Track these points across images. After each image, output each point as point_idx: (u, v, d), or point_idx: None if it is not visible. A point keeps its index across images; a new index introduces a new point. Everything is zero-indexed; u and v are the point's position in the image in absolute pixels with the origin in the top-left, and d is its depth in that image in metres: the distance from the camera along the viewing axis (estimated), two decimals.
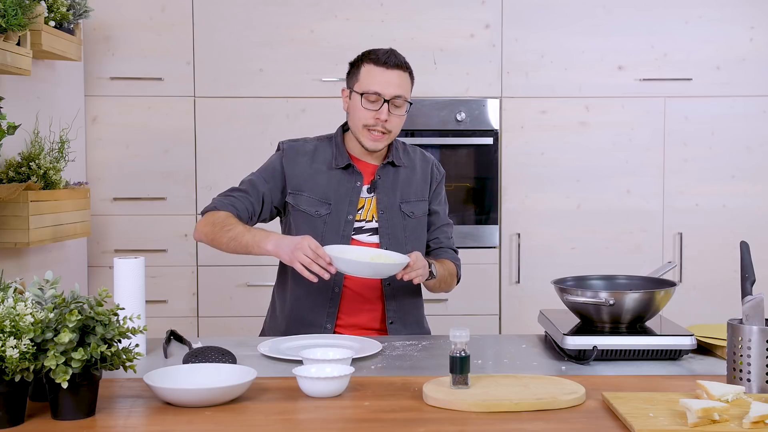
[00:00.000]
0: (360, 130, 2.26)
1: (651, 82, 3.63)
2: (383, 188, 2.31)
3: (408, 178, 2.36)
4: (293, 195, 2.30)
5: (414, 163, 2.39)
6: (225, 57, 3.58)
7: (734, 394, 1.51)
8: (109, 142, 3.58)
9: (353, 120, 2.28)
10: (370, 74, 2.23)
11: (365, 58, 2.27)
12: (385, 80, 2.22)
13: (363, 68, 2.26)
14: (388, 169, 2.34)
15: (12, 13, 2.45)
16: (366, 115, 2.23)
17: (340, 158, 2.31)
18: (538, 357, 1.99)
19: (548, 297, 2.28)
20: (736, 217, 3.66)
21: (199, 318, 3.61)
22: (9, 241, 2.66)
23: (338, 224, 2.27)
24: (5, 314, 1.42)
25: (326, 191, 2.29)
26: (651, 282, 2.08)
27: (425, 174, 2.39)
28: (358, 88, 2.25)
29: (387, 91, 2.22)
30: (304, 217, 2.29)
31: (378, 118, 2.22)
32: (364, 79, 2.24)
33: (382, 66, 2.23)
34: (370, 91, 2.22)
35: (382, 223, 2.29)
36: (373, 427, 1.45)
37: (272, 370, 1.84)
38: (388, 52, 2.26)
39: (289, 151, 2.33)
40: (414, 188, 2.36)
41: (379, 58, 2.24)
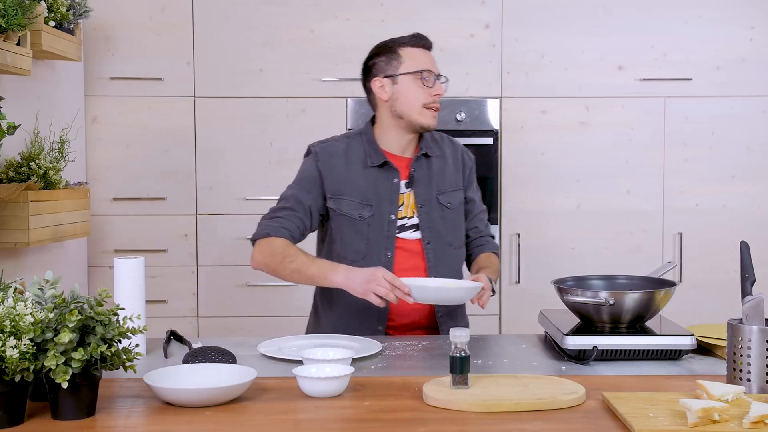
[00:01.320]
0: (419, 110, 2.23)
1: (651, 82, 3.63)
2: (420, 182, 2.29)
3: (441, 169, 2.33)
4: (334, 199, 2.26)
5: (444, 151, 2.36)
6: (225, 57, 3.58)
7: (734, 394, 1.51)
8: (109, 142, 3.58)
9: (407, 103, 2.24)
10: (414, 55, 2.24)
11: (397, 44, 2.26)
12: (429, 59, 2.26)
13: (402, 51, 2.25)
14: (421, 161, 2.31)
15: (12, 13, 2.45)
16: (423, 94, 2.23)
17: (375, 156, 2.27)
18: (538, 357, 1.99)
19: (548, 297, 2.28)
20: (736, 217, 3.66)
21: (199, 318, 3.61)
22: (9, 241, 2.66)
23: (381, 225, 2.25)
24: (5, 314, 1.42)
25: (366, 192, 2.26)
26: (651, 282, 2.08)
27: (456, 162, 2.38)
28: (406, 70, 2.23)
29: (434, 68, 2.26)
30: (347, 221, 2.25)
31: (437, 94, 2.23)
32: (411, 61, 2.24)
33: (421, 47, 2.26)
34: (423, 68, 2.23)
35: (422, 218, 2.27)
36: (373, 427, 1.45)
37: (272, 370, 1.84)
38: (418, 35, 2.28)
39: (323, 155, 2.28)
40: (448, 178, 2.34)
41: (417, 40, 2.26)
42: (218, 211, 3.60)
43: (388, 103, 2.26)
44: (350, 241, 2.25)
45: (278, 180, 3.59)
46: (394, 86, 2.24)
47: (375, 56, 2.29)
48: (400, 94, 2.24)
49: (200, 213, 3.60)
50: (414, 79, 2.22)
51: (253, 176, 3.60)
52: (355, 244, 2.25)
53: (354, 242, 2.25)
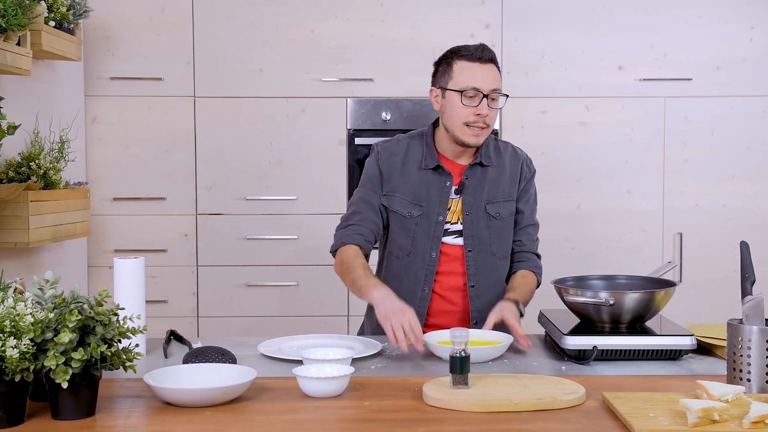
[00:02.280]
0: (460, 127, 2.23)
1: (651, 82, 3.63)
2: (469, 190, 2.30)
3: (496, 178, 2.33)
4: (387, 197, 2.31)
5: (504, 161, 2.36)
6: (225, 57, 3.58)
7: (734, 394, 1.51)
8: (109, 142, 3.58)
9: (451, 118, 2.24)
10: (466, 70, 2.21)
11: (456, 55, 2.24)
12: (481, 75, 2.20)
13: (456, 65, 2.23)
14: (476, 169, 2.31)
15: (12, 13, 2.45)
16: (466, 113, 2.20)
17: (430, 159, 2.30)
18: (538, 357, 1.99)
19: (548, 297, 2.28)
20: (736, 217, 3.65)
21: (199, 318, 3.61)
22: (9, 241, 2.66)
23: (429, 226, 2.28)
24: (5, 314, 1.42)
25: (418, 192, 2.29)
26: (651, 282, 2.08)
27: (515, 173, 2.36)
28: (453, 86, 2.22)
29: (485, 85, 2.19)
30: (396, 218, 2.30)
31: (479, 114, 2.19)
32: (460, 76, 2.21)
33: (477, 61, 2.21)
34: (469, 87, 2.19)
35: (466, 225, 2.29)
36: (373, 427, 1.45)
37: (272, 370, 1.84)
38: (480, 47, 2.23)
39: (384, 154, 2.34)
40: (502, 188, 2.33)
41: (472, 53, 2.21)
42: (218, 211, 3.60)
43: (440, 114, 2.29)
44: (397, 238, 2.31)
45: (278, 180, 3.61)
46: (444, 99, 2.26)
47: (437, 64, 2.30)
48: (446, 108, 2.26)
49: (200, 213, 3.60)
50: (459, 95, 2.21)
51: (253, 176, 3.60)
52: (401, 240, 2.30)
53: (400, 239, 2.31)
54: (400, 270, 2.31)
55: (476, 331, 2.04)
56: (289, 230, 3.60)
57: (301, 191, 3.60)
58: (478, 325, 2.26)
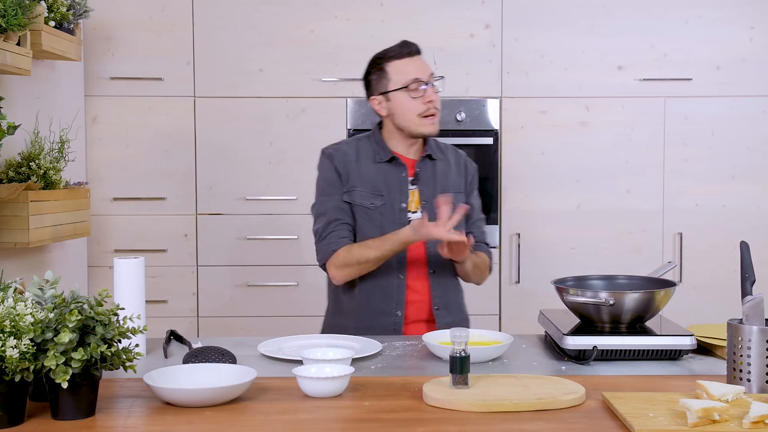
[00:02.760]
0: (416, 120, 2.31)
1: (651, 82, 3.63)
2: (425, 180, 2.38)
3: (445, 171, 2.42)
4: (348, 192, 2.36)
5: (448, 157, 2.46)
6: (225, 57, 3.58)
7: (734, 394, 1.51)
8: (109, 142, 3.58)
9: (404, 117, 2.32)
10: (400, 68, 2.31)
11: (384, 59, 2.33)
12: (415, 67, 2.31)
13: (389, 67, 2.32)
14: (426, 162, 2.40)
15: (12, 13, 2.45)
16: (416, 105, 2.30)
17: (383, 153, 2.37)
18: (538, 357, 1.99)
19: (548, 297, 2.28)
20: (736, 217, 3.65)
21: (199, 318, 3.61)
22: (9, 241, 2.66)
23: (393, 213, 2.35)
24: (5, 314, 1.42)
25: (376, 184, 2.36)
26: (651, 282, 2.08)
27: (459, 168, 2.47)
28: (396, 86, 2.31)
29: (424, 75, 2.30)
30: (361, 211, 2.35)
31: (430, 101, 2.30)
32: (397, 75, 2.31)
33: (406, 57, 2.31)
34: (410, 80, 2.29)
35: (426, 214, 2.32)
36: (373, 427, 1.45)
37: (272, 370, 1.84)
38: (402, 43, 2.33)
39: (336, 155, 2.39)
40: (451, 181, 2.43)
41: (399, 52, 2.32)
42: (218, 211, 3.60)
43: (388, 118, 2.37)
44: (366, 230, 2.35)
45: (278, 180, 3.61)
46: (389, 103, 2.34)
47: (368, 74, 2.38)
48: (395, 109, 2.33)
49: (200, 213, 3.60)
50: (404, 93, 2.29)
51: (253, 176, 3.60)
52: (369, 232, 2.34)
53: (368, 230, 2.34)
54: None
55: (476, 331, 2.05)
56: (289, 230, 3.60)
57: (301, 191, 3.60)
58: (440, 311, 2.35)
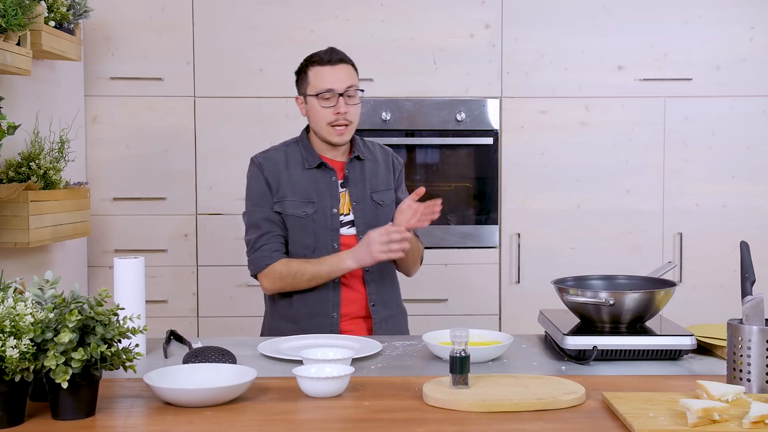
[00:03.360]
0: (325, 128, 2.35)
1: (651, 82, 3.63)
2: (354, 182, 2.41)
3: (374, 170, 2.46)
4: (279, 203, 2.38)
5: (375, 155, 2.49)
6: (225, 57, 3.58)
7: (734, 394, 1.51)
8: (109, 142, 3.58)
9: (315, 122, 2.37)
10: (319, 75, 2.35)
11: (309, 63, 2.38)
12: (333, 76, 2.34)
13: (310, 72, 2.36)
14: (354, 163, 2.43)
15: (12, 13, 2.45)
16: (326, 114, 2.34)
17: (311, 158, 2.40)
18: (538, 357, 1.99)
19: (548, 297, 2.28)
20: (736, 217, 3.65)
21: (199, 318, 3.61)
22: (9, 241, 2.66)
23: (325, 219, 2.37)
24: (5, 314, 1.42)
25: (307, 191, 2.38)
26: (651, 282, 2.08)
27: (387, 164, 2.51)
28: (311, 91, 2.35)
29: (338, 85, 2.33)
30: (293, 220, 2.37)
31: (338, 113, 2.32)
32: (314, 81, 2.35)
33: (327, 64, 2.35)
34: (324, 89, 2.33)
35: (357, 214, 2.39)
36: (373, 427, 1.45)
37: (272, 370, 1.84)
38: (328, 51, 2.37)
39: (265, 164, 2.40)
40: (380, 178, 2.46)
41: (322, 58, 2.36)
42: (218, 211, 3.60)
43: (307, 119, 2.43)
44: (299, 238, 2.37)
45: None
46: (306, 105, 2.40)
47: (297, 74, 2.42)
48: (310, 113, 2.39)
49: (200, 213, 3.60)
50: (318, 99, 2.34)
51: None
52: (303, 240, 2.36)
53: (302, 238, 2.37)
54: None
55: (476, 331, 2.04)
56: None
57: None
58: (376, 307, 2.38)
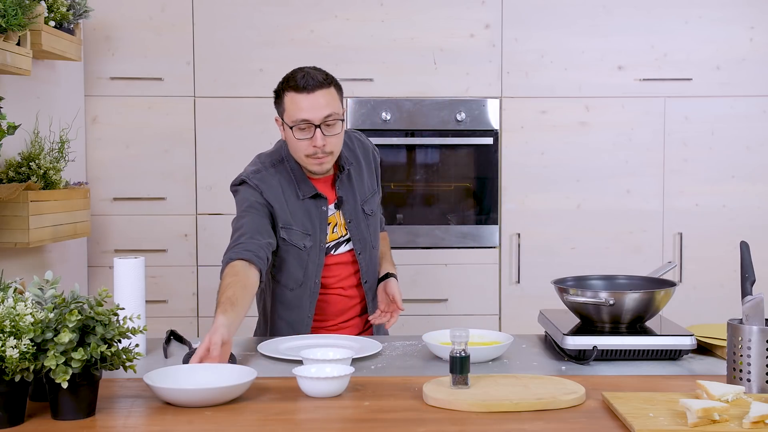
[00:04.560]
0: (303, 159, 2.18)
1: (651, 82, 3.63)
2: (347, 199, 2.29)
3: (359, 176, 2.33)
4: (285, 230, 2.21)
5: (357, 156, 2.35)
6: (225, 57, 3.58)
7: (734, 394, 1.51)
8: (109, 142, 3.58)
9: (293, 151, 2.20)
10: (294, 103, 2.12)
11: (285, 86, 2.16)
12: (308, 105, 2.11)
13: (286, 97, 2.15)
14: (342, 178, 2.28)
15: (12, 13, 2.45)
16: (303, 145, 2.14)
17: (306, 188, 2.23)
18: (538, 357, 1.99)
19: (548, 297, 2.28)
20: (736, 217, 3.65)
21: (199, 318, 3.61)
22: (9, 241, 2.66)
23: (317, 255, 2.25)
24: (5, 314, 1.42)
25: (305, 223, 2.23)
26: (651, 282, 2.08)
27: (369, 164, 2.38)
28: (287, 119, 2.16)
29: (314, 115, 2.11)
30: (294, 252, 2.23)
31: (315, 146, 2.13)
32: (290, 110, 2.14)
33: (303, 91, 2.11)
34: (299, 119, 2.12)
35: (352, 232, 2.29)
36: (373, 427, 1.45)
37: (272, 370, 1.84)
38: (305, 74, 2.13)
39: (263, 186, 2.21)
40: (366, 184, 2.35)
41: (298, 83, 2.12)
42: (218, 211, 3.60)
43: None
44: (292, 271, 2.25)
45: None
46: (285, 131, 2.20)
47: (275, 93, 2.21)
48: (287, 140, 2.21)
49: (200, 213, 3.60)
50: (294, 130, 2.14)
51: None
52: (295, 273, 2.25)
53: (295, 271, 2.25)
54: (293, 301, 2.27)
55: (476, 331, 2.05)
56: None
57: None
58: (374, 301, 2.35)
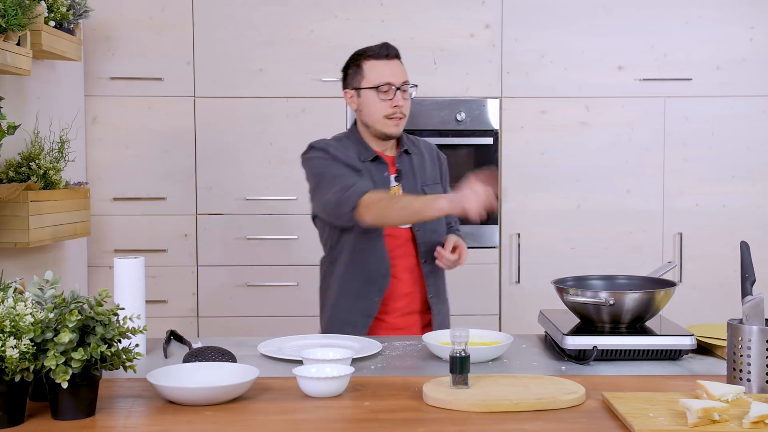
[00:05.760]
0: (381, 121, 2.35)
1: (651, 82, 3.63)
2: (406, 174, 2.42)
3: (421, 164, 2.47)
4: None
5: (421, 149, 2.51)
6: (225, 57, 3.58)
7: (734, 394, 1.51)
8: (109, 142, 3.58)
9: (370, 115, 2.36)
10: (376, 68, 2.35)
11: (363, 57, 2.38)
12: (390, 71, 2.35)
13: (365, 65, 2.37)
14: (404, 157, 2.44)
15: (12, 13, 2.45)
16: (383, 106, 2.34)
17: (366, 153, 2.39)
18: (538, 357, 1.99)
19: (548, 297, 2.28)
20: (736, 217, 3.65)
21: (199, 318, 3.61)
22: (9, 241, 2.66)
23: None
24: (5, 314, 1.42)
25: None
26: (651, 282, 2.08)
27: (432, 159, 2.52)
28: (368, 84, 2.35)
29: (396, 79, 2.35)
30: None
31: (396, 106, 2.34)
32: (371, 75, 2.35)
33: (384, 59, 2.36)
34: (383, 82, 2.33)
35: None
36: (373, 427, 1.45)
37: (272, 370, 1.84)
38: (384, 45, 2.38)
39: (332, 149, 2.37)
40: (428, 172, 2.48)
41: (378, 52, 2.37)
42: (218, 211, 3.60)
43: (357, 113, 2.43)
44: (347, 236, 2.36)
45: (278, 180, 3.61)
46: (359, 99, 2.39)
47: (346, 68, 2.43)
48: (363, 106, 2.38)
49: (200, 213, 3.60)
50: (374, 92, 2.35)
51: (253, 176, 3.60)
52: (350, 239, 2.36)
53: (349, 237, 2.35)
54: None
55: (476, 331, 2.05)
56: (289, 230, 3.60)
57: (301, 191, 3.59)
58: (434, 299, 2.41)
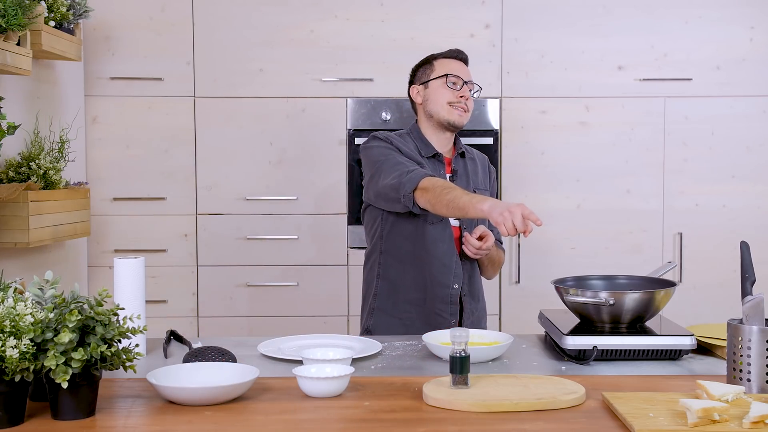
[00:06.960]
0: (445, 108, 2.45)
1: (651, 82, 3.63)
2: (460, 175, 2.50)
3: (474, 169, 2.56)
4: None
5: (474, 156, 2.60)
6: (225, 57, 3.58)
7: (734, 394, 1.51)
8: (109, 142, 3.58)
9: (435, 103, 2.46)
10: (446, 64, 2.50)
11: (435, 57, 2.52)
12: (459, 67, 2.50)
13: (436, 62, 2.51)
14: (459, 159, 2.53)
15: (12, 13, 2.45)
16: (449, 93, 2.45)
17: (426, 149, 2.48)
18: (538, 357, 1.99)
19: (548, 297, 2.28)
20: (736, 217, 3.65)
21: (199, 318, 3.61)
22: (9, 241, 2.66)
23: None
24: (5, 314, 1.42)
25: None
26: (651, 282, 2.08)
27: (484, 167, 2.62)
28: (436, 75, 2.48)
29: (464, 76, 2.49)
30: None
31: (462, 96, 2.45)
32: (441, 68, 2.49)
33: (455, 58, 2.52)
34: (452, 73, 2.46)
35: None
36: (373, 427, 1.45)
37: (272, 370, 1.84)
38: (455, 49, 2.54)
39: (395, 141, 2.45)
40: (480, 178, 2.57)
41: (450, 53, 2.52)
42: (218, 211, 3.60)
43: (422, 106, 2.52)
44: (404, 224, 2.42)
45: (278, 180, 3.61)
46: (426, 90, 2.50)
47: (416, 69, 2.57)
48: (430, 96, 2.49)
49: (200, 213, 3.60)
50: (442, 82, 2.47)
51: (253, 176, 3.60)
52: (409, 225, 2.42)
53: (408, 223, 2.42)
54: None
55: (476, 331, 2.05)
56: (289, 230, 3.60)
57: (301, 191, 3.60)
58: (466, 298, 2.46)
